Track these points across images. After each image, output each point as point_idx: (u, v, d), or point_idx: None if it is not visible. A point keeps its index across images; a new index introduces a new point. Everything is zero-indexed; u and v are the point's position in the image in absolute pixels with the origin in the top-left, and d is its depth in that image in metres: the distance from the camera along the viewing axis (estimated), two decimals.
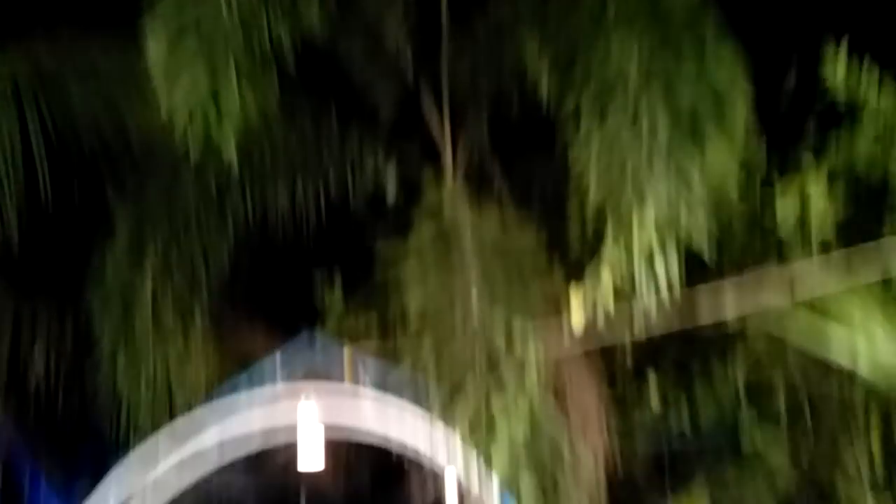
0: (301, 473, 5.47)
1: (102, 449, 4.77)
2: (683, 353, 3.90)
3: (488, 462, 3.29)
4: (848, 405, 3.06)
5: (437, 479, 3.76)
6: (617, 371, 4.04)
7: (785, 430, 3.28)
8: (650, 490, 4.41)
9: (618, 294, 2.88)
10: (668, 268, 2.80)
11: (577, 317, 2.81)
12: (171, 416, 4.47)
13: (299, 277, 4.97)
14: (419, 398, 3.77)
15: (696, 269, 3.17)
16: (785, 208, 3.25)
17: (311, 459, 4.09)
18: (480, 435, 3.37)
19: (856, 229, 3.48)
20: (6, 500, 6.09)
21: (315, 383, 4.19)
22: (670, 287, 2.81)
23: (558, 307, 3.54)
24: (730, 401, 3.51)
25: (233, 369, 5.42)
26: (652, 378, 3.98)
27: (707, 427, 3.67)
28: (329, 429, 4.54)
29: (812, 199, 3.18)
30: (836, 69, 3.43)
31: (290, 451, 4.33)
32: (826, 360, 2.55)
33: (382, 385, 3.90)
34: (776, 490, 3.39)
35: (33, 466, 5.97)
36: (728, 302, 2.89)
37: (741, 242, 3.62)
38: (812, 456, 3.29)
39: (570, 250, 3.79)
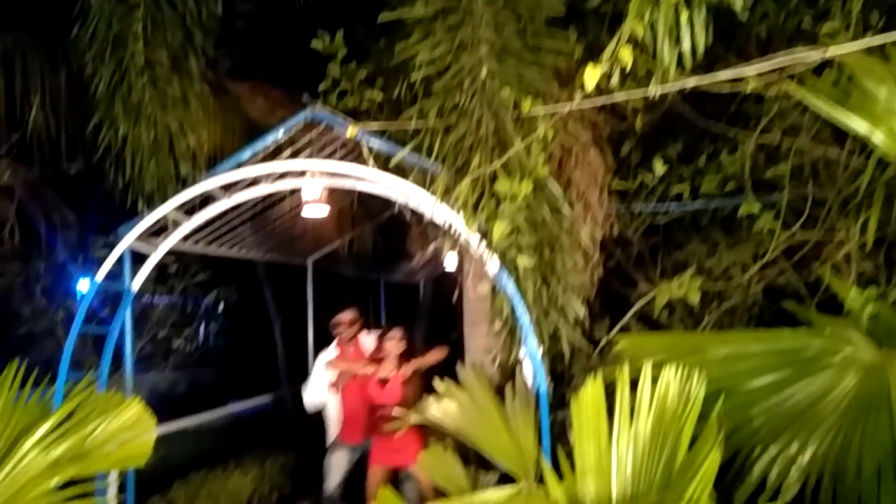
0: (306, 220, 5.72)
1: (112, 213, 4.91)
2: (696, 117, 3.84)
3: (489, 240, 3.38)
4: (855, 176, 3.08)
5: (437, 239, 3.89)
6: (626, 134, 4.03)
7: (787, 200, 3.32)
8: (643, 260, 4.62)
9: (636, 53, 2.73)
10: (693, 25, 2.63)
11: (589, 76, 2.69)
12: (176, 183, 4.53)
13: (301, 44, 4.73)
14: (423, 176, 3.80)
15: (723, 30, 3.00)
16: None
17: (316, 207, 4.21)
18: (482, 211, 3.44)
19: None
20: (26, 259, 6.40)
21: (318, 160, 4.19)
22: (694, 46, 2.67)
23: (571, 68, 3.43)
24: (735, 169, 3.53)
25: (235, 143, 5.41)
26: (660, 142, 3.98)
27: (708, 195, 3.73)
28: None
29: None
30: None
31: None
32: (843, 128, 2.47)
33: (386, 164, 3.89)
34: (764, 256, 3.51)
35: (48, 226, 6.18)
36: (752, 67, 2.75)
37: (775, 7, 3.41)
38: (809, 226, 3.37)
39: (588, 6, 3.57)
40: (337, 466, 4.95)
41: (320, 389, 5.02)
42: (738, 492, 2.55)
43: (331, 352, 5.22)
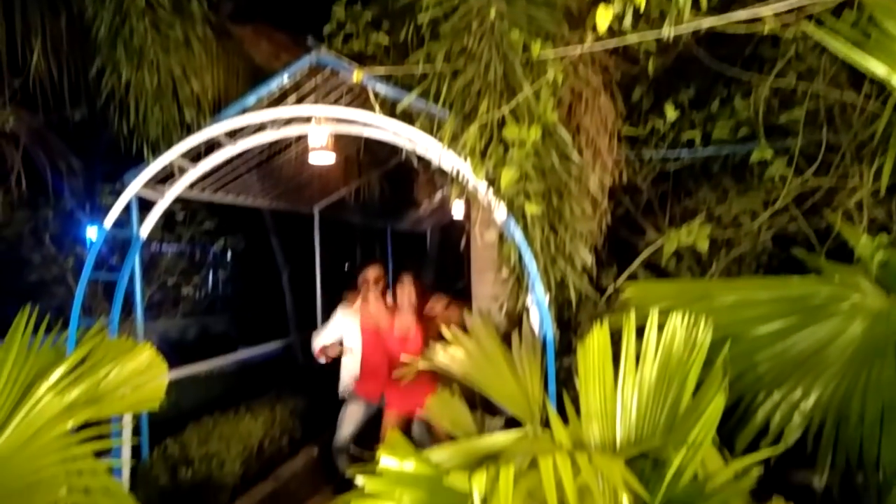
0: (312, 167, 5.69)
1: (118, 161, 4.89)
2: (710, 60, 3.73)
3: (496, 187, 3.35)
4: (871, 120, 3.02)
5: (444, 187, 3.86)
6: (637, 78, 3.94)
7: (800, 146, 3.26)
8: (652, 208, 4.59)
9: None
10: None
11: (602, 18, 2.61)
12: (180, 129, 4.50)
13: None
14: (430, 122, 3.75)
15: None
16: None
17: (322, 154, 4.17)
18: (489, 158, 3.40)
19: None
20: (33, 207, 6.41)
21: (324, 106, 4.13)
22: None
23: (583, 9, 3.33)
24: (748, 114, 3.45)
25: (239, 88, 5.34)
26: (672, 86, 3.89)
27: (720, 141, 3.67)
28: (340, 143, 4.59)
29: None
30: None
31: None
32: (861, 70, 2.40)
33: (393, 109, 3.83)
34: (775, 203, 3.47)
35: (54, 174, 6.17)
36: (769, 7, 2.66)
37: None
38: (822, 173, 3.31)
39: None
40: (350, 419, 5.02)
41: (331, 338, 5.07)
42: (741, 436, 2.58)
43: (354, 309, 5.23)
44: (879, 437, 2.36)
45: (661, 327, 2.53)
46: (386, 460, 2.18)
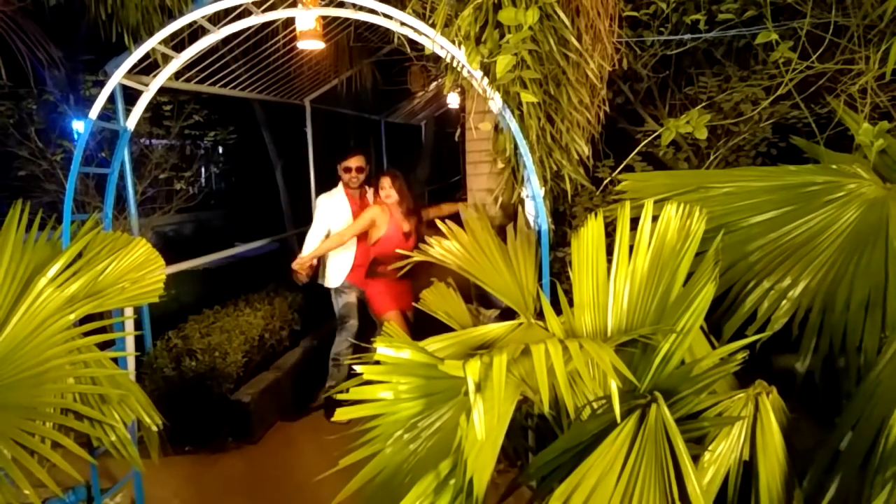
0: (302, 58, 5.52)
1: (99, 51, 4.68)
2: None
3: (492, 75, 3.23)
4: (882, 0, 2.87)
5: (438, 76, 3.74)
6: None
7: (807, 27, 3.12)
8: (652, 97, 4.47)
9: None
10: None
11: None
12: (161, 15, 4.29)
13: None
14: (423, 4, 3.57)
15: None
16: None
17: (310, 41, 4.00)
18: (485, 44, 3.26)
19: None
20: (15, 99, 6.21)
21: None
22: None
23: None
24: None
25: None
26: None
27: (725, 23, 3.50)
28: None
29: None
30: None
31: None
32: None
33: None
34: (777, 90, 3.37)
35: (34, 64, 5.95)
36: None
37: None
38: (828, 58, 3.19)
39: None
40: (352, 306, 5.22)
41: (316, 239, 5.11)
42: (729, 323, 2.64)
43: (336, 195, 5.27)
44: (864, 322, 2.41)
45: (655, 218, 2.53)
46: (383, 350, 2.23)
